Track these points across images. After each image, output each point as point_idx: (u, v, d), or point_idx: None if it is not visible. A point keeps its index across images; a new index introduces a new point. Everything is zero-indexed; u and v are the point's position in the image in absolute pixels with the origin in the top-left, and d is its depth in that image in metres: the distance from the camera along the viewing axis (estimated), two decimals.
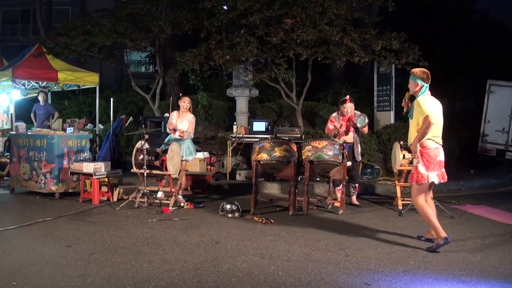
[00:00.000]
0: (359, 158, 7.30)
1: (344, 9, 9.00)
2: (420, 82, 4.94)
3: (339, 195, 6.89)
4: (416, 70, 5.09)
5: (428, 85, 4.96)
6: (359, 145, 7.28)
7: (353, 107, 7.19)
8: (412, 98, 5.20)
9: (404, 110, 5.58)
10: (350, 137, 7.09)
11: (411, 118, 5.00)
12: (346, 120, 7.13)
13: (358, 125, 7.01)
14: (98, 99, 11.59)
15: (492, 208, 7.19)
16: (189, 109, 7.19)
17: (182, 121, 7.10)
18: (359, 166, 7.63)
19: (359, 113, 7.23)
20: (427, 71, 5.02)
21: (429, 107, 4.76)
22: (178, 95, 7.75)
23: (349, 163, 6.77)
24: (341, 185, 6.79)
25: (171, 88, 13.33)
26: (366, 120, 7.00)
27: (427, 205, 4.89)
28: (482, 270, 4.16)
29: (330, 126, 7.18)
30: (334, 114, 7.28)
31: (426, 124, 4.69)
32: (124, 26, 10.06)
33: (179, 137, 7.04)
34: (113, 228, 5.53)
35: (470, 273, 4.07)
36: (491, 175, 11.06)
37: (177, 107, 7.32)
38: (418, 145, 4.79)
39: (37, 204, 7.07)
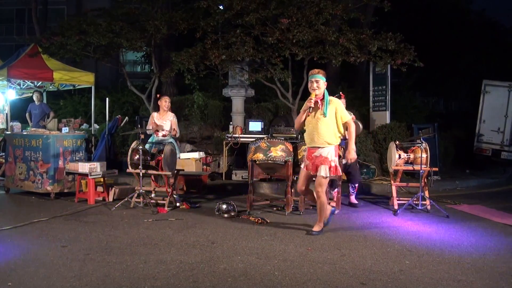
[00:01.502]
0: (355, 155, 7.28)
1: (340, 9, 8.99)
2: (325, 81, 5.22)
3: (335, 194, 6.90)
4: (320, 70, 5.26)
5: None
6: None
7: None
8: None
9: (311, 111, 5.28)
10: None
11: (326, 117, 5.16)
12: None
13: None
14: (94, 99, 11.55)
15: (487, 208, 7.21)
16: (169, 108, 7.38)
17: (164, 121, 7.28)
18: (357, 164, 7.60)
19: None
20: None
21: (347, 112, 5.28)
22: (156, 96, 7.83)
23: (344, 160, 6.75)
24: (337, 186, 6.79)
25: (167, 88, 13.30)
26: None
27: None
28: (477, 270, 4.17)
29: None
30: None
31: (354, 128, 5.28)
32: (120, 26, 10.02)
33: (162, 138, 7.13)
34: (109, 228, 5.52)
35: (466, 272, 4.09)
36: (486, 175, 11.10)
37: (156, 108, 7.40)
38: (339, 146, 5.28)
39: (33, 204, 7.05)
